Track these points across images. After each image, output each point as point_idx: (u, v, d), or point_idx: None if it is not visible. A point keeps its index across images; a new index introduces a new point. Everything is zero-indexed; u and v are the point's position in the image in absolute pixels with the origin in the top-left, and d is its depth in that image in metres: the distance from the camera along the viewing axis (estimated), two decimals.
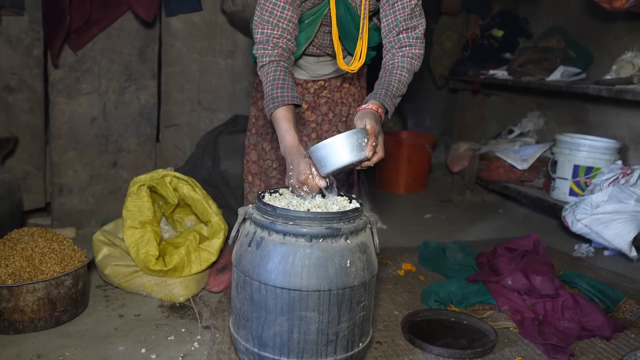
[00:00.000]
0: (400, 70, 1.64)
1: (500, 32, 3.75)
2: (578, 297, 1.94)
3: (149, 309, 1.93)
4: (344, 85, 1.96)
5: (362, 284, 1.41)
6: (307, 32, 1.75)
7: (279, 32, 1.60)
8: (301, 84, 1.93)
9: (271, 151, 1.97)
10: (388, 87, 1.61)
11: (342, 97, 1.96)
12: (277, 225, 1.37)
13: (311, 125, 1.95)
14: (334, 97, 1.95)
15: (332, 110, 1.95)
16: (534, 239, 2.23)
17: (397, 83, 1.62)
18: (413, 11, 1.66)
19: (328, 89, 1.95)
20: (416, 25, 1.67)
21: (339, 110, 1.95)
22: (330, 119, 1.95)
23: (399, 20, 1.65)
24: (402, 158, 3.77)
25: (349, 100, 1.96)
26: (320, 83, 1.94)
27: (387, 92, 1.59)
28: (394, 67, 1.65)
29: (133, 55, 2.69)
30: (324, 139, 1.82)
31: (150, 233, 1.98)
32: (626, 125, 3.00)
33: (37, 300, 1.71)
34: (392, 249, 2.60)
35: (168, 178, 2.11)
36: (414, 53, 1.67)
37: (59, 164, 2.63)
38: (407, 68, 1.65)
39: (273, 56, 1.59)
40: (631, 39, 2.95)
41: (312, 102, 1.94)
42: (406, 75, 1.65)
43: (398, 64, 1.65)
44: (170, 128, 2.94)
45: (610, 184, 2.58)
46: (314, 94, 1.94)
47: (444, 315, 1.95)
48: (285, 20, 1.60)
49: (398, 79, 1.63)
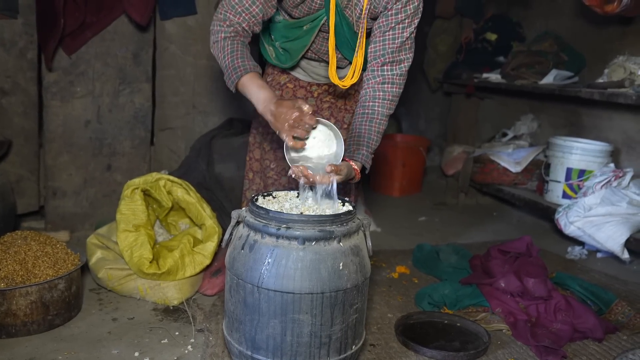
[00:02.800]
0: (380, 118, 1.69)
1: (494, 36, 3.77)
2: (570, 299, 1.95)
3: (142, 312, 1.92)
4: (349, 92, 1.92)
5: (355, 286, 1.41)
6: (305, 39, 1.75)
7: (239, 20, 1.60)
8: (305, 87, 1.91)
9: (270, 151, 1.96)
10: (369, 143, 1.67)
11: (347, 104, 1.94)
12: (270, 228, 1.37)
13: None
14: (338, 103, 1.93)
15: (334, 116, 1.92)
16: (527, 242, 2.24)
17: (376, 135, 1.69)
18: (403, 44, 1.66)
19: (333, 94, 1.91)
20: (402, 60, 1.68)
21: (341, 116, 1.93)
22: None
23: (386, 51, 1.66)
24: (397, 161, 3.78)
25: (353, 107, 1.93)
26: (324, 87, 1.91)
27: (368, 150, 1.66)
28: (374, 114, 1.68)
29: (127, 58, 2.69)
30: None
31: (144, 236, 1.98)
32: (618, 128, 3.03)
33: (30, 303, 1.70)
34: (386, 252, 2.61)
35: (162, 181, 2.11)
36: (394, 93, 1.69)
37: (53, 167, 2.63)
38: (387, 114, 1.70)
39: (228, 33, 1.59)
40: (623, 43, 2.98)
41: (315, 106, 1.91)
42: (384, 123, 1.71)
43: (378, 111, 1.68)
44: (165, 131, 2.94)
45: (603, 187, 2.60)
46: (317, 98, 1.92)
47: (437, 317, 1.95)
48: (250, 13, 1.60)
49: (377, 130, 1.69)
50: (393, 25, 1.64)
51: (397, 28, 1.64)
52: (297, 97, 1.91)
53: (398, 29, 1.65)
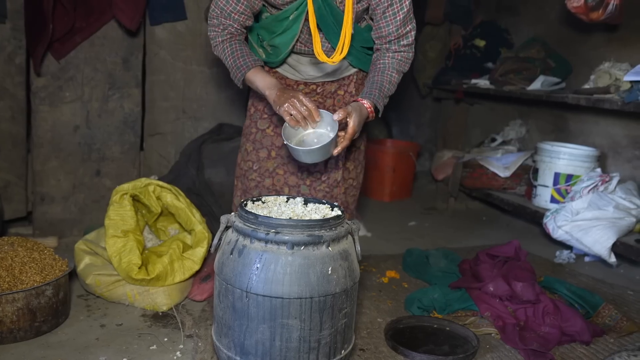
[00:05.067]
0: (391, 71, 1.74)
1: (483, 42, 3.81)
2: (558, 302, 1.97)
3: (131, 318, 1.91)
4: (338, 92, 1.90)
5: (344, 291, 1.42)
6: (293, 29, 1.74)
7: (231, 21, 1.72)
8: (292, 86, 1.89)
9: (252, 152, 1.93)
10: (381, 87, 1.72)
11: (335, 105, 1.90)
12: (258, 233, 1.38)
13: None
14: (326, 103, 1.90)
15: None
16: (515, 246, 2.26)
17: (388, 84, 1.74)
18: (404, 20, 1.69)
19: (321, 94, 1.89)
20: (408, 32, 1.73)
21: None
22: None
23: (390, 29, 1.70)
24: (387, 166, 3.80)
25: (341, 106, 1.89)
26: (312, 87, 1.89)
27: (380, 92, 1.71)
28: (385, 67, 1.74)
29: (117, 63, 2.68)
30: None
31: (132, 242, 1.97)
32: (605, 133, 3.07)
33: (17, 310, 1.69)
34: (376, 257, 2.62)
35: (151, 187, 2.10)
36: (404, 56, 1.76)
37: (41, 172, 2.61)
38: (397, 69, 1.75)
39: (225, 36, 1.73)
40: (608, 50, 3.02)
41: None
42: (396, 76, 1.75)
43: (388, 64, 1.74)
44: (155, 136, 2.93)
45: (590, 191, 2.63)
46: None
47: (427, 322, 1.96)
48: (238, 12, 1.70)
49: (389, 80, 1.74)
50: (390, 2, 1.66)
51: (395, 3, 1.66)
52: None
53: (396, 5, 1.67)
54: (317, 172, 1.89)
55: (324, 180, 1.89)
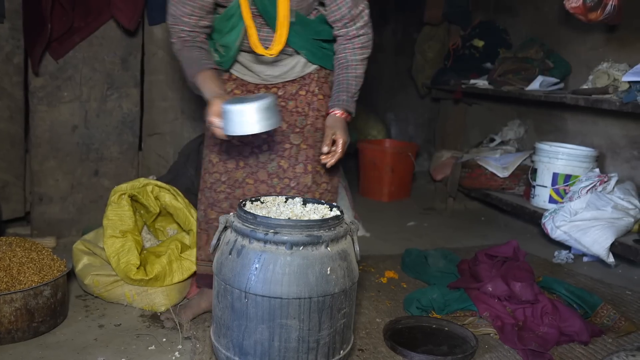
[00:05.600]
0: (355, 65, 1.73)
1: (481, 43, 3.81)
2: (557, 302, 1.97)
3: (129, 318, 1.91)
4: (300, 92, 1.84)
5: (343, 291, 1.42)
6: (239, 26, 1.67)
7: (182, 26, 1.69)
8: (252, 91, 1.83)
9: (219, 163, 1.85)
10: (348, 88, 1.72)
11: (298, 106, 1.82)
12: (257, 233, 1.37)
13: (262, 136, 1.80)
14: (288, 105, 1.82)
15: (285, 121, 1.81)
16: (513, 246, 2.26)
17: (354, 80, 1.73)
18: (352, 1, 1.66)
19: (282, 97, 1.83)
20: (361, 11, 1.70)
21: (293, 120, 1.82)
22: (283, 130, 1.81)
23: (343, 13, 1.67)
24: (386, 166, 3.80)
25: (305, 109, 1.83)
26: (273, 90, 1.83)
27: (347, 94, 1.71)
28: (347, 62, 1.73)
29: (115, 63, 2.68)
30: (274, 151, 1.81)
31: (131, 242, 1.97)
32: (603, 133, 3.07)
33: (15, 310, 1.68)
34: (375, 257, 2.62)
35: (149, 187, 2.10)
36: (363, 41, 1.73)
37: (39, 172, 2.60)
38: (360, 60, 1.74)
39: (179, 45, 1.71)
40: (607, 50, 3.03)
41: None
42: (360, 68, 1.74)
43: (350, 58, 1.73)
44: (153, 136, 2.93)
45: (588, 192, 2.63)
46: None
47: (425, 322, 1.96)
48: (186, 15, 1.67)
49: (354, 75, 1.73)
50: None
51: None
52: None
53: None
54: (286, 178, 1.82)
55: (293, 187, 1.82)
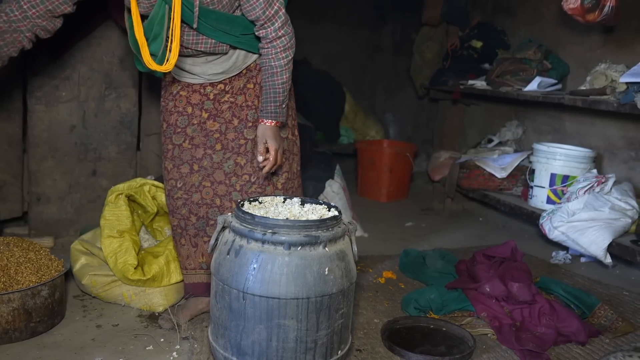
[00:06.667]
0: (280, 70, 1.71)
1: (479, 43, 3.82)
2: (554, 303, 1.98)
3: (127, 318, 1.91)
4: (247, 86, 1.81)
5: (341, 291, 1.42)
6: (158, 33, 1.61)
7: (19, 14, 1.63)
8: (198, 91, 1.79)
9: (173, 169, 1.82)
10: (275, 97, 1.73)
11: (247, 100, 1.81)
12: (255, 233, 1.37)
13: (215, 136, 1.80)
14: (237, 100, 1.80)
15: (236, 116, 1.80)
16: (511, 246, 2.26)
17: (281, 87, 1.73)
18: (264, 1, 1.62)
19: (230, 93, 1.80)
20: (276, 11, 1.65)
21: (244, 115, 1.80)
22: (235, 126, 1.80)
23: (257, 14, 1.64)
24: (384, 167, 3.80)
25: (255, 102, 1.81)
26: (220, 87, 1.79)
27: (275, 104, 1.72)
28: (272, 69, 1.71)
29: (114, 63, 2.67)
30: (229, 149, 1.79)
31: (128, 242, 1.96)
32: (601, 134, 3.08)
33: (12, 310, 1.68)
34: (373, 257, 2.62)
35: (147, 187, 2.10)
36: (284, 42, 1.70)
37: (37, 172, 2.60)
38: (284, 64, 1.72)
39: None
40: (604, 51, 3.04)
41: (213, 110, 1.79)
42: (286, 72, 1.73)
43: (274, 64, 1.71)
44: (151, 136, 2.92)
45: (586, 192, 2.64)
46: (214, 100, 1.79)
47: (423, 322, 1.96)
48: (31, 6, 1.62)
49: (281, 81, 1.72)
50: None
51: None
52: (192, 104, 1.81)
53: None
54: (245, 174, 1.81)
55: (254, 182, 1.81)
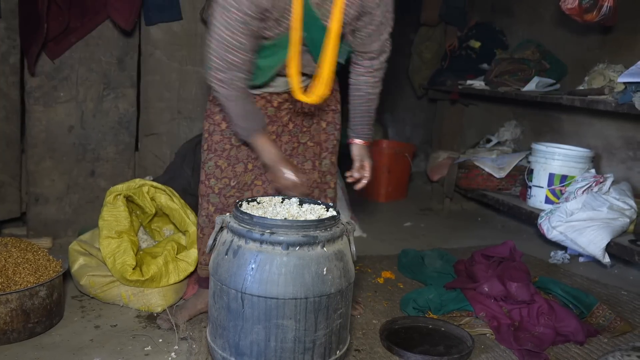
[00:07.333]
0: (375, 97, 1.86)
1: (478, 44, 3.82)
2: (553, 303, 1.98)
3: (125, 319, 1.90)
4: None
5: (339, 291, 1.42)
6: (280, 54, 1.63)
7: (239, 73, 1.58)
8: (265, 97, 1.83)
9: (228, 168, 1.83)
10: (369, 121, 1.88)
11: (304, 106, 1.85)
12: (253, 233, 1.37)
13: (271, 137, 1.82)
14: (296, 107, 1.85)
15: (292, 121, 1.86)
16: (510, 246, 2.27)
17: (374, 112, 1.89)
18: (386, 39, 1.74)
19: (290, 101, 1.84)
20: (386, 48, 1.78)
21: (300, 120, 1.87)
22: (290, 130, 1.86)
23: (375, 47, 1.74)
24: (383, 167, 3.80)
25: (311, 109, 1.87)
26: (284, 96, 1.84)
27: (369, 127, 1.89)
28: (368, 95, 1.85)
29: (112, 63, 2.67)
30: (284, 152, 1.83)
31: (127, 243, 1.96)
32: (599, 134, 3.08)
33: (10, 311, 1.68)
34: (372, 257, 2.62)
35: (145, 187, 2.09)
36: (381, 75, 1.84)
37: (35, 173, 2.59)
38: (377, 92, 1.87)
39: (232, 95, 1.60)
40: (602, 51, 3.04)
41: (274, 116, 1.84)
42: (376, 100, 1.88)
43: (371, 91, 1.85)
44: (150, 137, 2.92)
45: (584, 192, 2.64)
46: (277, 107, 1.85)
47: (422, 322, 1.96)
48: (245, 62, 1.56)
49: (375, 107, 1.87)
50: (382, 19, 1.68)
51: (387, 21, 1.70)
52: None
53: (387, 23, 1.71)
54: None
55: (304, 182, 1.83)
